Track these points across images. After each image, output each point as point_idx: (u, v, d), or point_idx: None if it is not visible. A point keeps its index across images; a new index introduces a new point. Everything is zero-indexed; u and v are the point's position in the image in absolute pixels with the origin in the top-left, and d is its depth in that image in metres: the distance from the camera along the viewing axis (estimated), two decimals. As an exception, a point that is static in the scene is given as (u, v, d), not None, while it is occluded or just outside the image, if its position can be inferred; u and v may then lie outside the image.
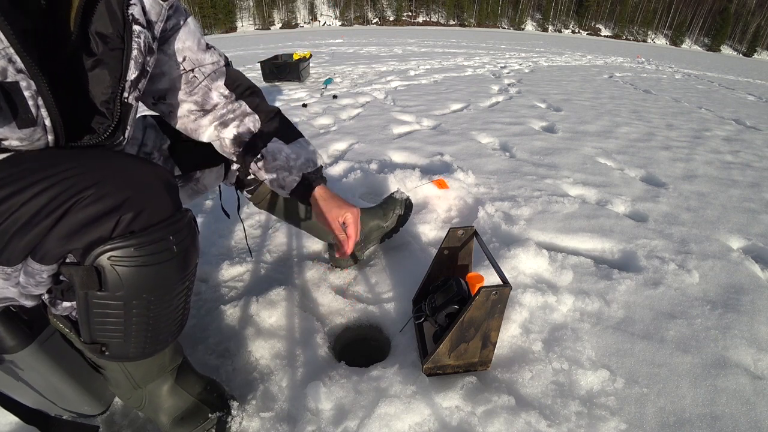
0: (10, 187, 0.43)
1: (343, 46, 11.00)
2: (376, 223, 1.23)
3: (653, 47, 35.19)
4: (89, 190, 0.44)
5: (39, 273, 0.47)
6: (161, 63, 0.70)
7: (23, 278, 0.49)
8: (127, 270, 0.47)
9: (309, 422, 0.79)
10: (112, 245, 0.46)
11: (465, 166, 2.03)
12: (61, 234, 0.44)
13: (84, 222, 0.44)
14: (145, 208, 0.48)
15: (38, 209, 0.43)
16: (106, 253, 0.46)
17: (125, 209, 0.46)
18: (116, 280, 0.47)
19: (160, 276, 0.50)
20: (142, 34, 0.58)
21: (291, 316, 1.05)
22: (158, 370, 0.71)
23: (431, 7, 65.97)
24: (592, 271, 1.24)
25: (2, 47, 0.43)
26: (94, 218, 0.44)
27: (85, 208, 0.44)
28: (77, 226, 0.44)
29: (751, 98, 5.31)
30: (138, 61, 0.58)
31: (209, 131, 0.80)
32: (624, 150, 2.48)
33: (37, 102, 0.47)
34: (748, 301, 1.14)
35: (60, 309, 0.56)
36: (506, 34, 29.64)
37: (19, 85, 0.45)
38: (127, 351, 0.55)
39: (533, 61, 8.42)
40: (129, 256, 0.47)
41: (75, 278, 0.48)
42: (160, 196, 0.50)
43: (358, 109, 3.47)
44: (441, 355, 0.84)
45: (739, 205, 1.78)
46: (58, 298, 0.54)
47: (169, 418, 0.75)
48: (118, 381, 0.70)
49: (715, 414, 0.82)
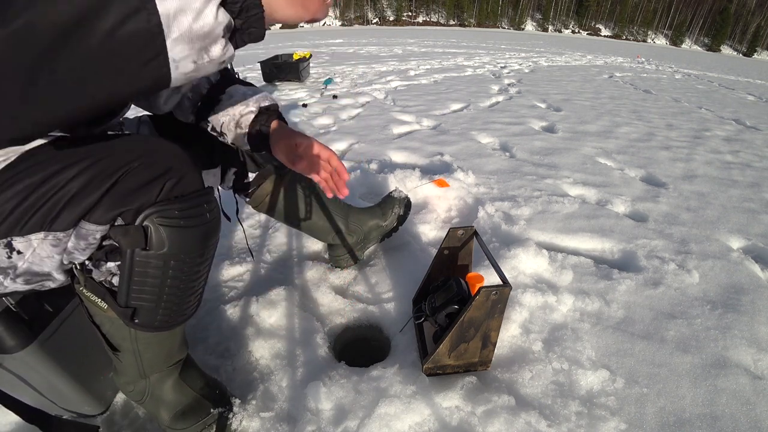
0: (59, 164, 0.49)
1: (343, 46, 11.00)
2: (376, 222, 1.23)
3: (653, 47, 35.19)
4: (136, 161, 0.51)
5: (92, 234, 0.52)
6: None
7: (73, 243, 0.52)
8: (170, 230, 0.53)
9: (309, 422, 0.79)
10: (159, 207, 0.52)
11: (465, 166, 2.03)
12: (115, 197, 0.50)
13: (135, 187, 0.50)
14: (185, 177, 0.54)
15: (90, 179, 0.49)
16: (153, 214, 0.52)
17: (169, 176, 0.52)
18: (160, 239, 0.53)
19: (195, 238, 0.56)
20: None
21: (291, 316, 1.05)
22: (166, 357, 0.71)
23: (431, 7, 65.96)
24: (592, 271, 1.24)
25: None
26: (143, 183, 0.51)
27: (136, 175, 0.50)
28: (130, 191, 0.50)
29: (751, 98, 5.31)
30: None
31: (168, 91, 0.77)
32: (624, 150, 2.48)
33: None
34: (748, 301, 1.15)
35: (102, 272, 0.58)
36: (506, 34, 29.64)
37: None
38: (154, 318, 0.59)
39: (533, 61, 8.42)
40: (172, 217, 0.53)
41: (124, 239, 0.53)
42: (193, 171, 0.57)
43: (358, 109, 3.47)
44: (441, 355, 0.84)
45: (739, 205, 1.78)
46: (101, 260, 0.57)
47: (170, 412, 0.75)
48: (126, 366, 0.70)
49: (715, 414, 0.82)
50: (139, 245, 0.53)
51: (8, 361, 0.67)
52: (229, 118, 0.80)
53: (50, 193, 0.48)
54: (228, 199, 1.18)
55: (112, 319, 0.62)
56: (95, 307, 0.62)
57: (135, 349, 0.68)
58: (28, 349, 0.66)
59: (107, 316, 0.63)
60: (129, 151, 0.52)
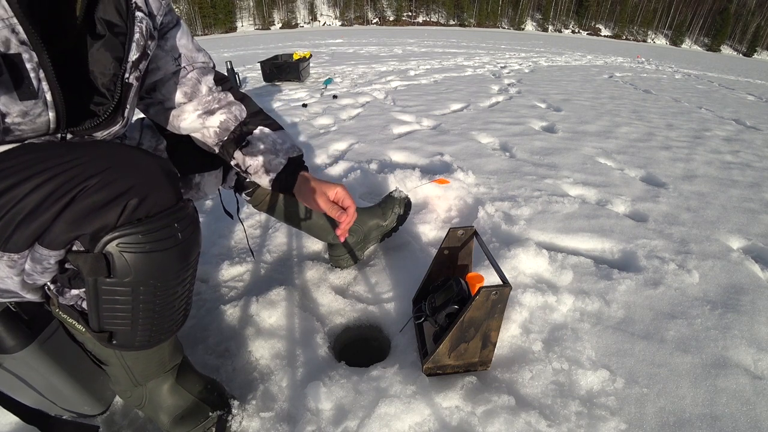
0: (17, 176, 0.44)
1: (343, 46, 11.00)
2: (376, 222, 1.23)
3: (653, 47, 35.19)
4: (95, 178, 0.45)
5: (46, 259, 0.48)
6: (157, 58, 0.71)
7: (29, 265, 0.49)
8: (135, 256, 0.48)
9: (309, 422, 0.79)
10: (120, 232, 0.47)
11: (465, 166, 2.03)
12: (69, 220, 0.45)
13: (91, 208, 0.45)
14: (149, 196, 0.49)
15: (45, 197, 0.44)
16: (114, 240, 0.47)
17: (130, 196, 0.47)
18: (125, 267, 0.48)
19: (166, 262, 0.51)
20: (144, 20, 0.60)
21: (291, 316, 1.05)
22: (158, 366, 0.71)
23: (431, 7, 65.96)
24: (592, 271, 1.24)
25: (7, 17, 0.43)
26: (100, 205, 0.45)
27: (92, 194, 0.45)
28: (84, 212, 0.45)
29: (751, 98, 5.31)
30: (140, 44, 0.60)
31: (191, 118, 0.78)
32: (624, 150, 2.48)
33: (38, 75, 0.47)
34: (748, 301, 1.14)
35: (67, 297, 0.56)
36: (506, 34, 29.64)
37: (22, 57, 0.46)
38: (133, 339, 0.55)
39: (533, 61, 8.42)
40: (137, 242, 0.48)
41: (84, 266, 0.48)
42: (164, 185, 0.51)
43: (358, 109, 3.47)
44: (441, 355, 0.84)
45: (739, 205, 1.78)
46: (65, 286, 0.54)
47: (170, 417, 0.75)
48: (118, 377, 0.70)
49: (715, 414, 0.82)
50: (102, 274, 0.49)
51: (8, 361, 0.67)
52: (258, 163, 0.82)
53: (4, 209, 0.43)
54: (229, 198, 1.18)
55: (93, 338, 0.59)
56: (73, 328, 0.60)
57: (123, 363, 0.67)
58: (28, 349, 0.66)
59: (88, 336, 0.60)
60: (90, 165, 0.46)
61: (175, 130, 0.81)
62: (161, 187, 0.51)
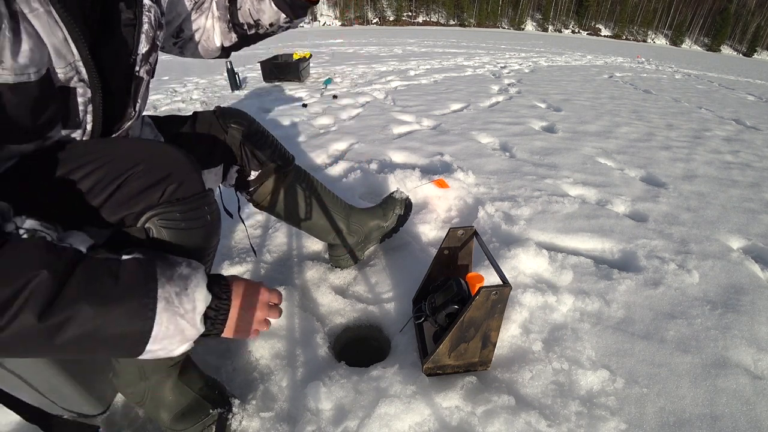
0: (70, 165, 0.51)
1: (343, 46, 11.00)
2: (376, 222, 1.23)
3: (653, 47, 35.19)
4: (139, 166, 0.53)
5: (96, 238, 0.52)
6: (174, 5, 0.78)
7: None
8: (171, 231, 0.55)
9: (309, 422, 0.79)
10: (160, 209, 0.54)
11: (465, 166, 2.03)
12: (120, 201, 0.52)
13: (138, 190, 0.53)
14: (185, 181, 0.56)
15: (96, 182, 0.51)
16: (155, 216, 0.54)
17: (170, 181, 0.54)
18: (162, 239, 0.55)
19: (196, 239, 0.58)
20: (152, 9, 0.63)
21: (291, 316, 1.05)
22: (166, 358, 0.71)
23: (431, 7, 65.96)
24: (592, 271, 1.24)
25: (73, 60, 0.51)
26: (145, 188, 0.53)
27: (138, 179, 0.53)
28: (133, 194, 0.52)
29: (751, 98, 5.31)
30: (149, 35, 0.63)
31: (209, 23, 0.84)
32: (624, 150, 2.48)
33: (87, 109, 0.55)
34: (748, 301, 1.15)
35: None
36: (506, 34, 29.63)
37: (76, 91, 0.53)
38: None
39: (533, 61, 8.42)
40: (173, 219, 0.55)
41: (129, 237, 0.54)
42: (194, 174, 0.58)
43: (358, 109, 3.47)
44: (441, 355, 0.84)
45: (739, 205, 1.78)
46: None
47: (171, 413, 0.75)
48: (126, 370, 0.71)
49: (715, 414, 0.82)
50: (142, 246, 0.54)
51: (8, 361, 0.67)
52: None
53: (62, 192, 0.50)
54: (230, 197, 1.18)
55: None
56: None
57: None
58: (28, 349, 0.66)
59: None
60: (132, 155, 0.54)
61: (216, 52, 0.87)
62: (192, 175, 0.58)
